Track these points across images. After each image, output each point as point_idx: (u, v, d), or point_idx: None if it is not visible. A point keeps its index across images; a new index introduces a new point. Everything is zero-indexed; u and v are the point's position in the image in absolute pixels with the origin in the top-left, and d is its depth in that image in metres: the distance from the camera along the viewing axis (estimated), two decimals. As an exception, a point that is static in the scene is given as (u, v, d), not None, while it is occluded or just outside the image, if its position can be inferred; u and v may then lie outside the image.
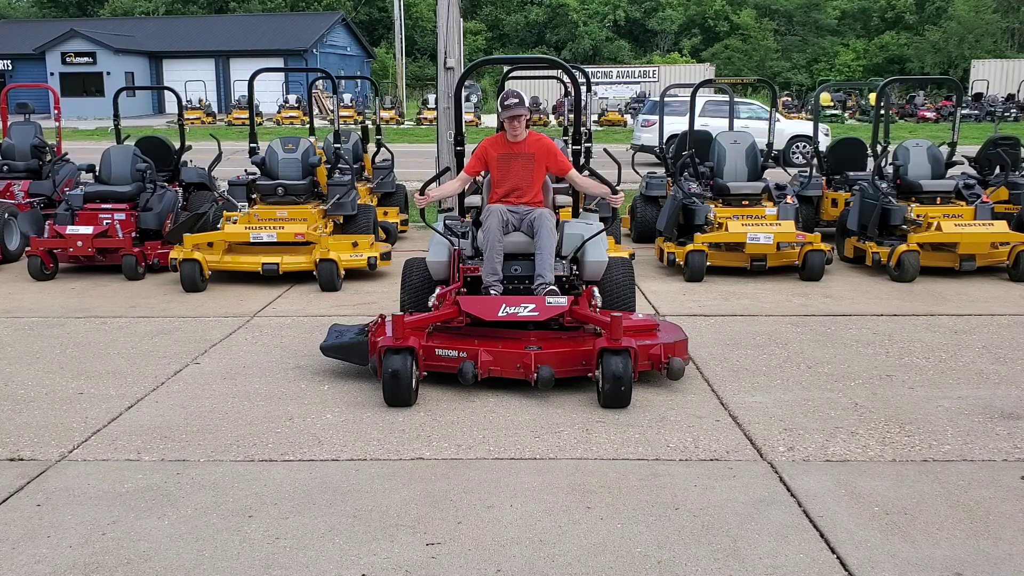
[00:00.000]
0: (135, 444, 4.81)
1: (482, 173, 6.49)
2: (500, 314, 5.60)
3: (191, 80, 42.03)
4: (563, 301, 5.66)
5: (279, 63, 46.87)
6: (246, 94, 14.66)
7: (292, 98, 39.85)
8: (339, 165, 10.04)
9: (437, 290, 6.13)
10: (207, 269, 8.57)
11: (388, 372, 5.24)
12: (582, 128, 8.46)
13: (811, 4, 61.01)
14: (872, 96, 34.80)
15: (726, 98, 15.16)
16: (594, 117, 29.64)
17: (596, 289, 6.10)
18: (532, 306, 5.62)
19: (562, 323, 5.83)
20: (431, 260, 6.22)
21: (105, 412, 5.29)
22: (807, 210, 10.71)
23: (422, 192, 6.10)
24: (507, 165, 6.21)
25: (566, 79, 8.26)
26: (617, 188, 6.19)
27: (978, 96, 37.16)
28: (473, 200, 6.24)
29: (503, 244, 5.99)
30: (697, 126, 10.52)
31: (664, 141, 11.51)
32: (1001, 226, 8.82)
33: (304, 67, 42.11)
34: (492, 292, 5.87)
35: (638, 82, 47.23)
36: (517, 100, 6.11)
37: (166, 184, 10.13)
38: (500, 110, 6.18)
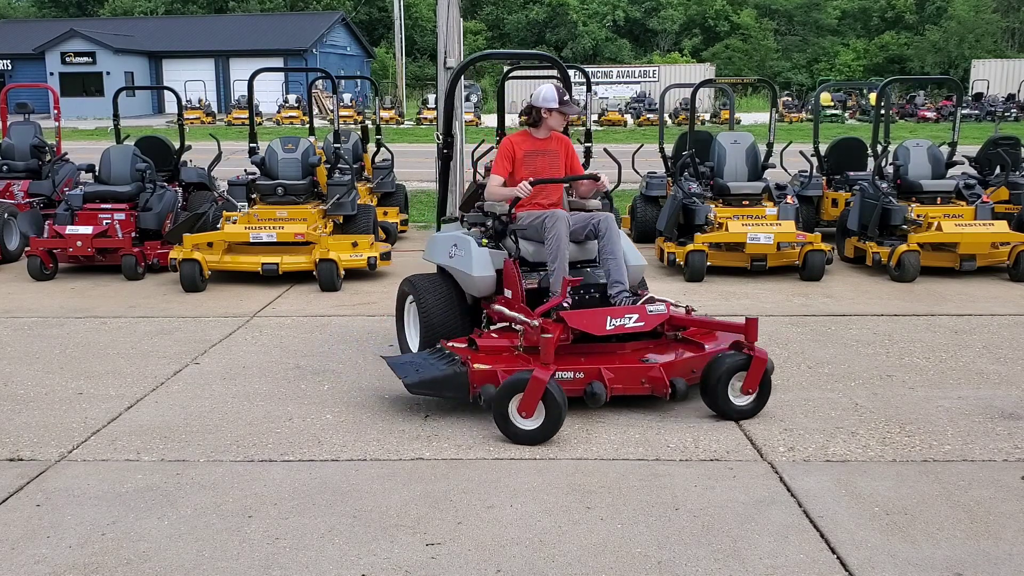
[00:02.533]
0: (135, 444, 4.80)
1: (480, 174, 6.33)
2: (608, 327, 5.17)
3: (191, 80, 42.07)
4: (662, 309, 5.38)
5: (279, 63, 46.88)
6: (246, 94, 14.66)
7: (292, 98, 39.87)
8: (339, 165, 10.04)
9: (496, 307, 5.49)
10: (207, 269, 8.57)
11: (554, 407, 4.69)
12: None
13: (811, 4, 61.00)
14: (872, 96, 34.79)
15: None
16: (594, 117, 29.64)
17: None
18: (636, 316, 5.24)
19: (659, 331, 5.52)
20: (479, 275, 5.58)
21: (105, 412, 5.29)
22: (807, 210, 10.71)
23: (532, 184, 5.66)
24: (533, 163, 5.87)
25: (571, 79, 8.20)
26: (599, 174, 5.95)
27: (978, 96, 37.17)
28: (501, 205, 5.77)
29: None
30: None
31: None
32: (1001, 226, 8.82)
33: (304, 67, 42.11)
34: (564, 305, 5.30)
35: (638, 82, 47.20)
36: (568, 95, 5.90)
37: (166, 184, 10.13)
38: (553, 106, 5.76)
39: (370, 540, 3.75)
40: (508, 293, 5.56)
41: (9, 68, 48.71)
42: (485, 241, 5.73)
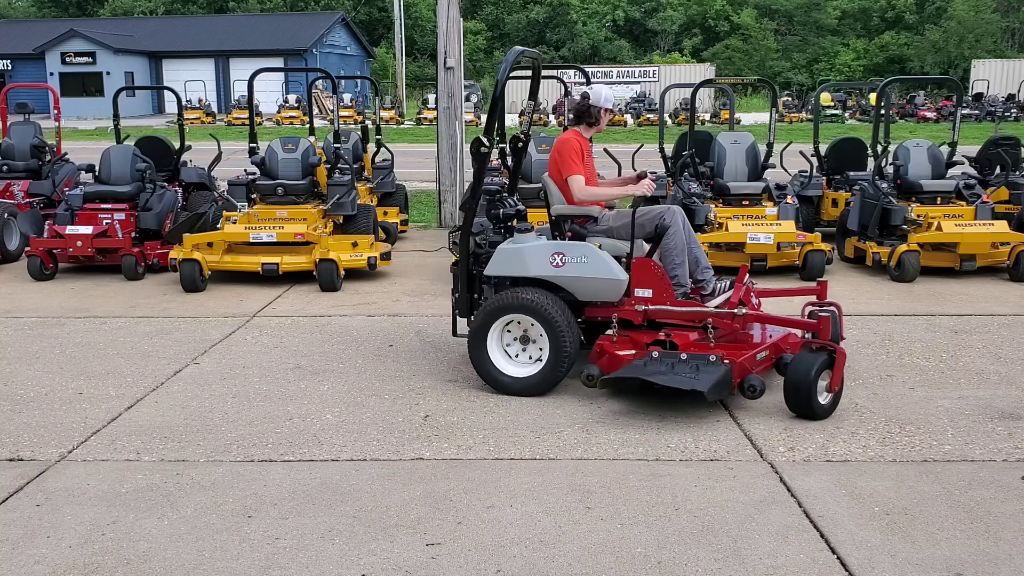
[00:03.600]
0: (135, 444, 4.80)
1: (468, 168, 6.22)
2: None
3: (191, 80, 42.07)
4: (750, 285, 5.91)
5: (279, 63, 46.90)
6: (246, 94, 14.66)
7: (292, 98, 39.87)
8: (339, 165, 10.04)
9: (658, 307, 5.47)
10: (207, 269, 8.57)
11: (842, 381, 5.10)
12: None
13: (811, 4, 60.98)
14: (872, 96, 34.78)
15: None
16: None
17: None
18: (753, 295, 5.89)
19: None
20: (623, 278, 5.44)
21: (105, 412, 5.29)
22: (807, 210, 10.71)
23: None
24: (589, 162, 6.04)
25: (567, 78, 8.18)
26: (646, 172, 6.09)
27: (978, 96, 37.15)
28: (589, 208, 5.75)
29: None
30: None
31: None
32: (1001, 226, 8.81)
33: (304, 67, 42.11)
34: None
35: (638, 82, 47.17)
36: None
37: (166, 184, 10.13)
38: (610, 106, 6.08)
39: (370, 540, 3.75)
40: (645, 292, 5.49)
41: (9, 68, 48.71)
42: (598, 244, 5.56)
